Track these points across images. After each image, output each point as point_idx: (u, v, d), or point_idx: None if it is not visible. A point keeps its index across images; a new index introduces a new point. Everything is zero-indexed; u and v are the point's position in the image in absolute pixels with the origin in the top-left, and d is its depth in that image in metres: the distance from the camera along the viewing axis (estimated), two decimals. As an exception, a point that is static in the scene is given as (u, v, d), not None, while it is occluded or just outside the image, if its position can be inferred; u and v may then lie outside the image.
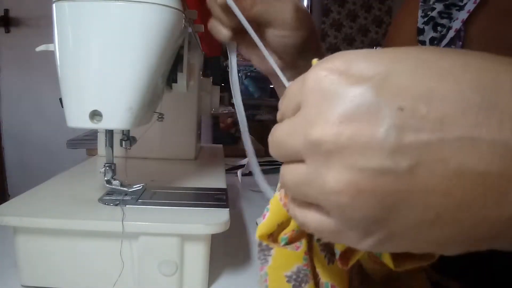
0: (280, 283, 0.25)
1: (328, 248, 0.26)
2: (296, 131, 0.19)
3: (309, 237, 0.26)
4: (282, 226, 0.26)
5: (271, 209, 0.26)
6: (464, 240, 0.17)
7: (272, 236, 0.26)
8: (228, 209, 0.40)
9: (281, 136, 0.20)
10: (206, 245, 0.37)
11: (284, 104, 0.21)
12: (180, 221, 0.36)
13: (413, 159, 0.15)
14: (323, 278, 0.26)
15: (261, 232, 0.26)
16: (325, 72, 0.18)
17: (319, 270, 0.26)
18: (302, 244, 0.26)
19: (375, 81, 0.16)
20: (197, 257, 0.37)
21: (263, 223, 0.26)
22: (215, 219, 0.37)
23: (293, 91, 0.20)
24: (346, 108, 0.16)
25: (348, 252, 0.24)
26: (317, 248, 0.26)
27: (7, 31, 1.99)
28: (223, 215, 0.38)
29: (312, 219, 0.19)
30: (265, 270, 0.26)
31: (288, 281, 0.25)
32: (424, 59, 0.17)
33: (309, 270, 0.26)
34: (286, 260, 0.25)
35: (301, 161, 0.19)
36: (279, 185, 0.27)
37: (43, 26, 1.90)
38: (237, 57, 0.40)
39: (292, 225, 0.26)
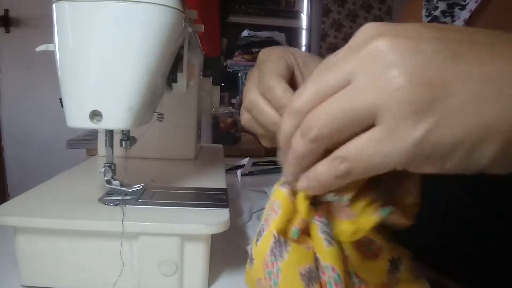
0: (293, 280, 0.25)
1: (327, 232, 0.26)
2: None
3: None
4: (290, 222, 0.26)
5: (283, 206, 0.26)
6: (500, 130, 0.18)
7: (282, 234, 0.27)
8: (228, 209, 0.40)
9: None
10: (206, 245, 0.37)
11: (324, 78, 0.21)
12: (180, 221, 0.36)
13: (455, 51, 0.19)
14: (323, 260, 0.26)
15: (277, 228, 0.26)
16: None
17: (319, 254, 0.26)
18: (312, 247, 0.26)
19: None
20: (197, 257, 0.37)
21: (277, 219, 0.26)
22: (215, 219, 0.37)
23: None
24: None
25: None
26: (316, 231, 0.26)
27: (7, 31, 1.99)
28: (223, 215, 0.38)
29: (362, 139, 0.20)
30: (279, 266, 0.26)
31: (301, 279, 0.25)
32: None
33: (317, 271, 0.26)
34: (302, 257, 0.25)
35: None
36: (282, 180, 0.27)
37: (43, 26, 1.90)
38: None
39: (300, 213, 0.26)
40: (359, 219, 0.25)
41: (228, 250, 0.47)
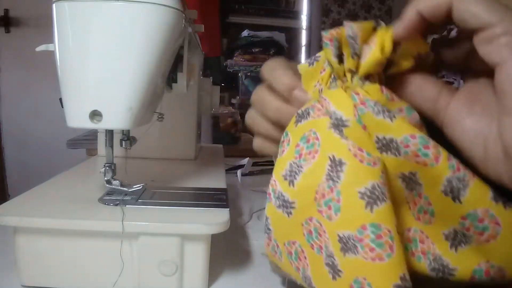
0: (353, 200, 0.23)
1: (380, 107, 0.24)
2: None
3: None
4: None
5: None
6: None
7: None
8: (228, 209, 0.40)
9: None
10: (206, 245, 0.37)
11: None
12: (180, 221, 0.36)
13: None
14: (398, 134, 0.24)
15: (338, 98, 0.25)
16: None
17: (386, 132, 0.24)
18: (379, 162, 0.24)
19: None
20: (197, 257, 0.37)
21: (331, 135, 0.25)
22: (215, 219, 0.37)
23: None
24: None
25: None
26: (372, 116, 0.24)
27: (7, 31, 1.99)
28: (223, 215, 0.38)
29: None
30: (338, 189, 0.23)
31: (361, 198, 0.23)
32: None
33: (386, 189, 0.23)
34: (359, 175, 0.23)
35: None
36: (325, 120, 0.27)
37: (43, 26, 1.90)
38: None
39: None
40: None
41: (228, 250, 0.47)
